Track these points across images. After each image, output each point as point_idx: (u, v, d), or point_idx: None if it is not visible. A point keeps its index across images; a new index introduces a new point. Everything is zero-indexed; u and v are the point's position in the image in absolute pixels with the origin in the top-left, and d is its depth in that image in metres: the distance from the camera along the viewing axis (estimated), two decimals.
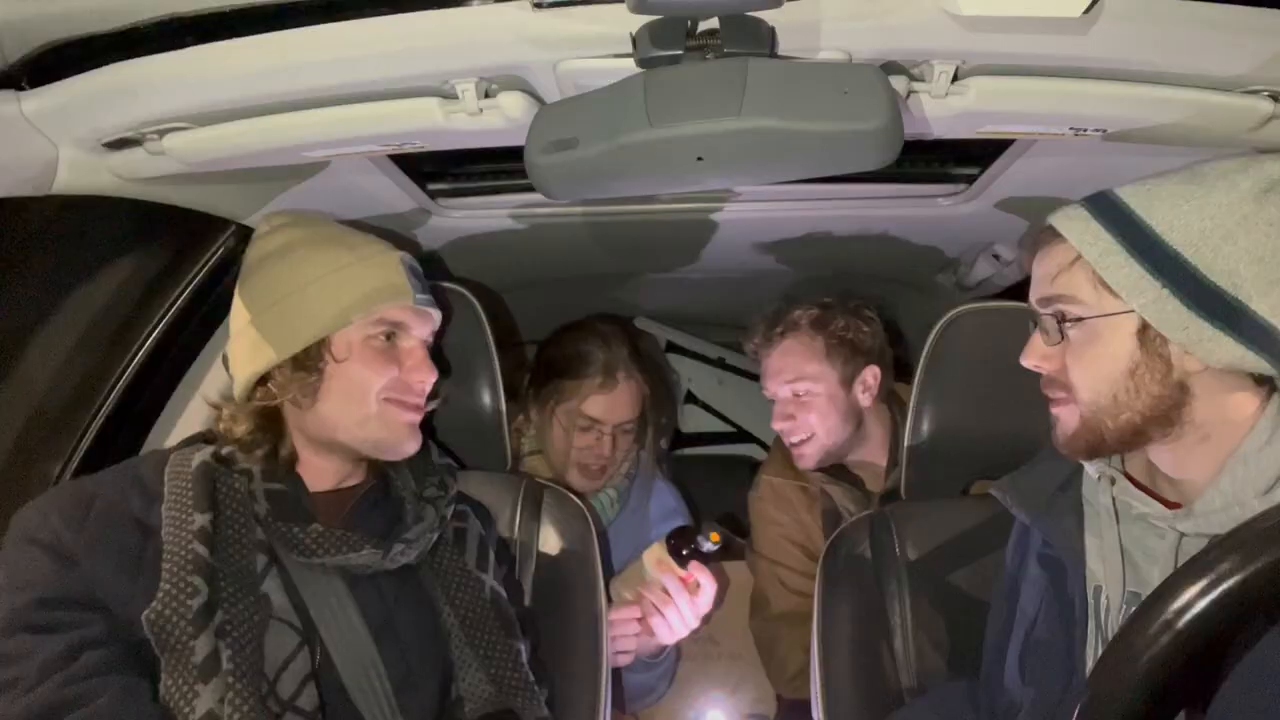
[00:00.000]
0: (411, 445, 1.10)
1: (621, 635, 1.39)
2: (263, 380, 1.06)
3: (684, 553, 1.36)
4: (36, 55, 0.89)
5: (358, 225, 1.53)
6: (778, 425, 1.66)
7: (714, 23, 0.79)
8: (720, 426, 2.79)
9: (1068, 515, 0.97)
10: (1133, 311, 0.82)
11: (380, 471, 1.16)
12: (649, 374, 1.72)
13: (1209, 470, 0.84)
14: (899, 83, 0.89)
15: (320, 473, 1.09)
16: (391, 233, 1.63)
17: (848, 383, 1.64)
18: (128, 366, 1.29)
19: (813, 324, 1.65)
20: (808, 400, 1.62)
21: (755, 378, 2.76)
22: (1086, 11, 0.75)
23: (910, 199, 1.51)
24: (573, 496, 1.36)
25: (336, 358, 1.04)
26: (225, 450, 1.05)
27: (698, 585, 1.36)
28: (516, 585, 1.24)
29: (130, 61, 0.89)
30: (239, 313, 1.09)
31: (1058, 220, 0.88)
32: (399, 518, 1.10)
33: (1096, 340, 0.85)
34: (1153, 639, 0.54)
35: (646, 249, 1.85)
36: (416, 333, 1.10)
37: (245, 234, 1.40)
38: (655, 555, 1.38)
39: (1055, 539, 0.97)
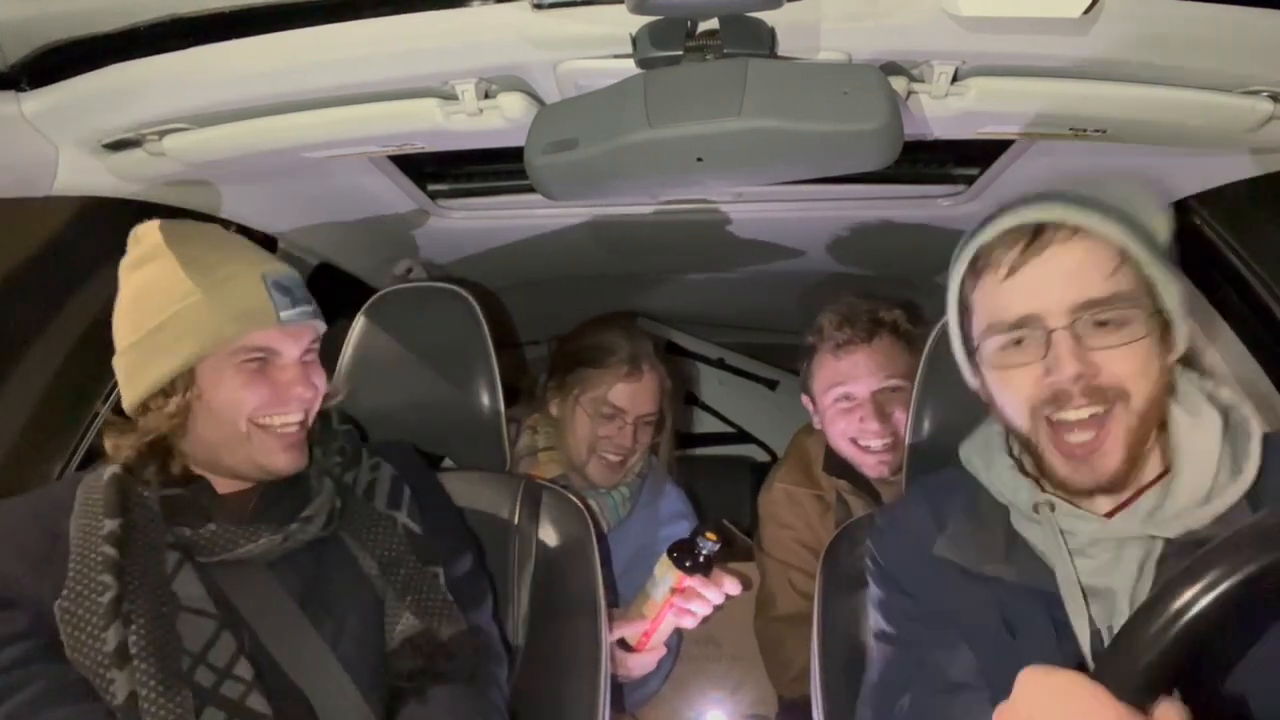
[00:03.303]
0: (294, 464, 1.07)
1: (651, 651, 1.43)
2: (144, 405, 1.04)
3: (688, 564, 1.36)
4: (36, 55, 0.89)
5: (358, 225, 1.55)
6: (861, 429, 1.57)
7: (714, 23, 0.79)
8: (721, 427, 2.79)
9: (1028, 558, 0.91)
10: (1161, 310, 0.84)
11: None
12: (668, 369, 1.73)
13: (1153, 462, 0.86)
14: (899, 83, 0.89)
15: (230, 481, 1.09)
16: (390, 233, 1.63)
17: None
18: None
19: (906, 321, 1.62)
20: (898, 398, 1.56)
21: (756, 378, 2.79)
22: (1086, 11, 0.75)
23: (910, 199, 1.51)
24: (572, 497, 1.36)
25: (202, 387, 1.02)
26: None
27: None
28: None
29: (130, 62, 0.89)
30: (117, 333, 1.05)
31: (1088, 220, 0.84)
32: (306, 496, 1.10)
33: (1147, 337, 0.82)
34: (1182, 609, 0.55)
35: (647, 249, 1.85)
36: (288, 353, 1.05)
37: (245, 234, 1.40)
38: (664, 570, 1.38)
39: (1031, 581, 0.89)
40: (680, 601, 1.37)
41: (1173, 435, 0.85)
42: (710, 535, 1.35)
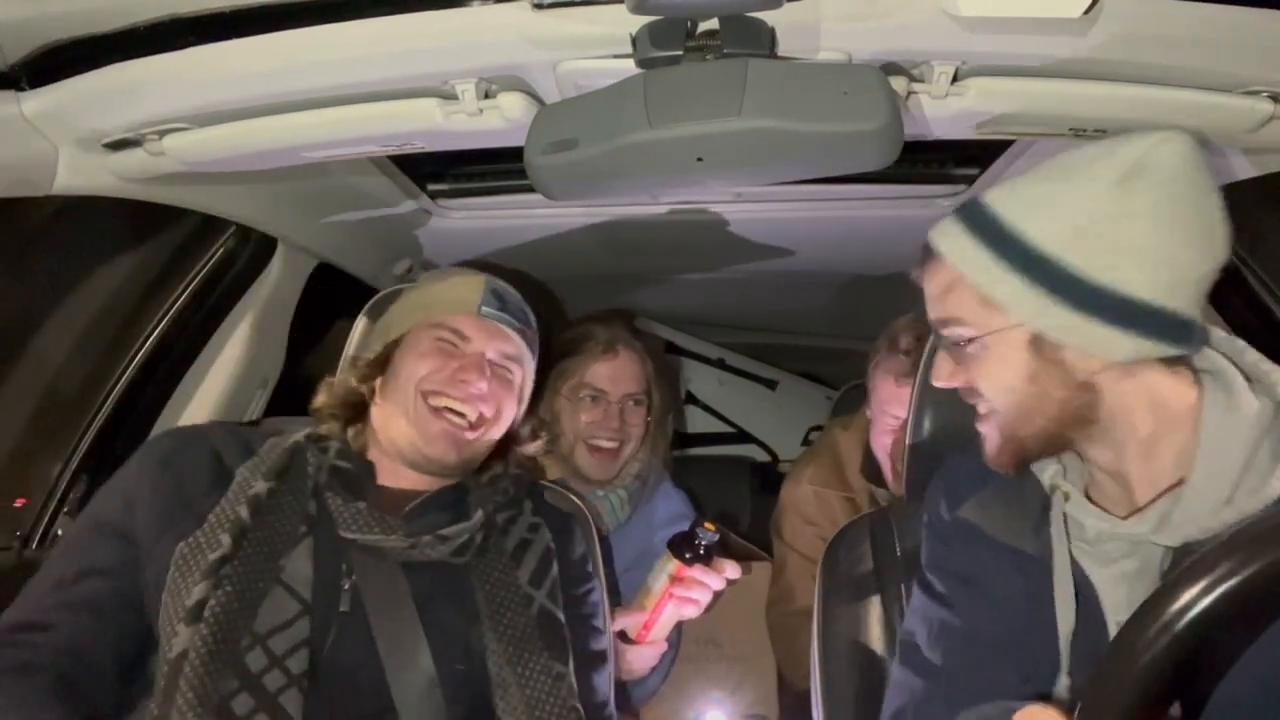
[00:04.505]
0: (449, 455, 1.10)
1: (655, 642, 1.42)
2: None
3: (688, 555, 1.36)
4: (36, 55, 0.89)
5: (358, 225, 1.56)
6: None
7: (714, 23, 0.79)
8: (720, 427, 2.79)
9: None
10: (1021, 325, 0.80)
11: (460, 483, 1.17)
12: (650, 353, 1.73)
13: (1168, 466, 0.80)
14: (899, 83, 0.89)
15: (395, 475, 1.12)
16: (390, 233, 1.63)
17: None
18: (128, 367, 1.29)
19: None
20: None
21: (755, 378, 2.79)
22: (1086, 12, 0.75)
23: (910, 199, 1.51)
24: (573, 496, 1.36)
25: (399, 354, 1.14)
26: (320, 427, 1.13)
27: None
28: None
29: (130, 62, 0.89)
30: None
31: (935, 239, 0.86)
32: (455, 519, 1.10)
33: (991, 355, 0.82)
34: (1151, 640, 0.54)
35: (647, 249, 1.85)
36: (478, 342, 1.13)
37: (245, 234, 1.40)
38: (663, 562, 1.38)
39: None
40: (680, 591, 1.37)
41: (1200, 432, 0.78)
42: (709, 525, 1.35)
